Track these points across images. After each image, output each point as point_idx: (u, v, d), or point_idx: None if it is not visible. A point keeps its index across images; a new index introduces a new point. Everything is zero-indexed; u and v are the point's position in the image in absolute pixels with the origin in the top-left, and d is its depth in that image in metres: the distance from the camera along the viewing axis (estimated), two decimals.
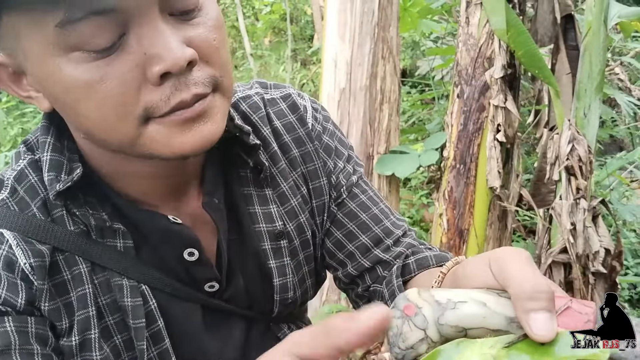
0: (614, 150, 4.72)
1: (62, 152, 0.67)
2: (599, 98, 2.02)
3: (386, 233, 0.85)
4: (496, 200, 2.27)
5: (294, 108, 0.83)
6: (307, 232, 0.83)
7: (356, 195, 0.86)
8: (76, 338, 0.65)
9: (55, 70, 0.56)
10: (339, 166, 0.86)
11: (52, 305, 0.64)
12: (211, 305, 0.75)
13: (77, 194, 0.66)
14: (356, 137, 2.65)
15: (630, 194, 3.92)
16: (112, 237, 0.68)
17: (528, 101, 3.80)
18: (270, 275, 0.79)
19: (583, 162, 1.96)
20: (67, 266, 0.66)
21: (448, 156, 2.36)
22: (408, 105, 4.84)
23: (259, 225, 0.78)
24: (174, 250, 0.71)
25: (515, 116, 2.20)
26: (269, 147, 0.79)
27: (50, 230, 0.64)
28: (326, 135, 0.85)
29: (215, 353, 0.76)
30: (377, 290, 0.84)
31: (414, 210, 3.84)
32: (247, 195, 0.78)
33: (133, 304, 0.68)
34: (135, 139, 0.59)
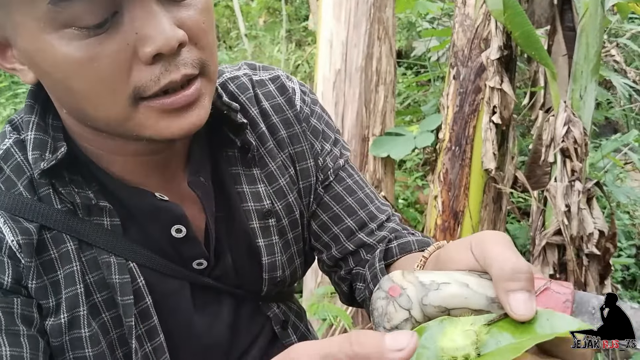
0: (609, 133, 4.72)
1: (46, 131, 0.67)
2: (595, 80, 2.02)
3: (370, 217, 0.86)
4: (491, 182, 2.27)
5: (282, 90, 0.84)
6: (296, 212, 0.83)
7: (342, 179, 0.87)
8: (65, 316, 0.65)
9: (46, 46, 0.56)
10: (326, 149, 0.86)
11: (39, 284, 0.64)
12: (199, 282, 0.76)
13: (62, 173, 0.66)
14: (351, 118, 2.64)
15: (625, 176, 3.94)
16: (98, 215, 0.68)
17: (524, 83, 3.79)
18: (258, 254, 0.80)
19: (578, 144, 1.96)
20: (55, 244, 0.66)
21: (443, 138, 2.36)
22: (403, 86, 4.82)
23: (247, 204, 0.78)
24: (162, 228, 0.72)
25: (511, 98, 2.19)
26: (257, 128, 0.80)
27: (37, 209, 0.65)
28: (314, 118, 0.85)
29: (204, 331, 0.77)
30: (360, 273, 0.85)
31: (408, 192, 3.84)
32: (235, 174, 0.78)
33: (121, 281, 0.68)
34: (124, 120, 0.60)
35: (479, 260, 0.50)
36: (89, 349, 0.66)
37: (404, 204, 3.64)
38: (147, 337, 0.70)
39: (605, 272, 2.00)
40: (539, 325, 0.44)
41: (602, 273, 2.00)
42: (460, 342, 0.42)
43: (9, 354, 0.59)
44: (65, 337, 0.65)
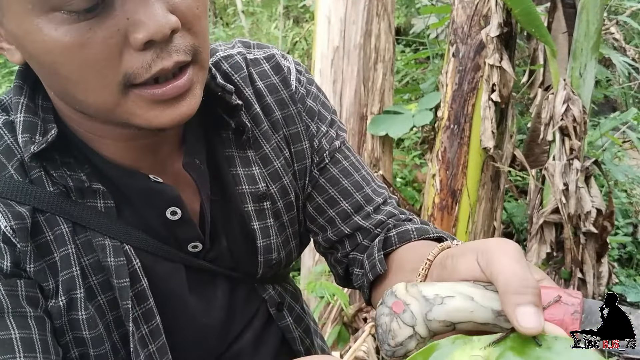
0: (608, 111, 4.71)
1: (35, 112, 0.66)
2: (595, 57, 2.00)
3: (367, 200, 0.85)
4: (489, 161, 2.27)
5: (277, 69, 0.82)
6: (291, 194, 0.82)
7: (338, 161, 0.85)
8: (62, 298, 0.64)
9: (34, 29, 0.54)
10: (322, 130, 0.85)
11: (38, 267, 0.63)
12: (194, 265, 0.75)
13: (53, 155, 0.65)
14: (350, 96, 2.62)
15: (623, 154, 3.94)
16: (92, 198, 0.67)
17: (523, 61, 3.77)
18: (253, 236, 0.79)
19: (577, 122, 1.95)
20: (49, 226, 0.65)
21: (442, 116, 2.35)
22: (402, 64, 4.79)
23: (242, 187, 0.78)
24: (156, 210, 0.71)
25: (511, 76, 2.18)
26: (251, 108, 0.78)
27: (29, 191, 0.63)
28: (309, 98, 0.84)
29: (199, 313, 0.77)
30: (357, 258, 0.84)
31: (406, 171, 3.84)
32: (230, 156, 0.77)
33: (117, 264, 0.67)
34: (114, 106, 0.59)
35: (485, 272, 0.49)
36: (87, 332, 0.66)
37: (401, 183, 3.65)
38: (143, 319, 0.70)
39: (602, 251, 2.01)
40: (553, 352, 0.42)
41: (599, 251, 2.01)
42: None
43: (18, 337, 0.59)
44: (64, 319, 0.65)
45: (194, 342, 0.77)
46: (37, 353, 0.60)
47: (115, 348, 0.69)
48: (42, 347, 0.61)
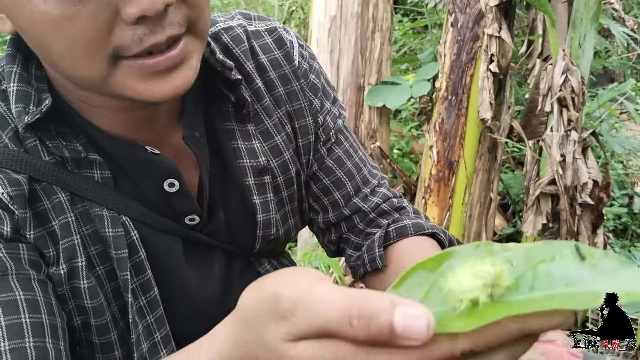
0: (605, 82, 4.69)
1: (29, 82, 0.64)
2: (594, 28, 1.98)
3: (364, 182, 0.87)
4: (487, 132, 2.26)
5: (280, 43, 0.81)
6: (291, 170, 0.82)
7: (341, 142, 0.86)
8: (64, 266, 0.64)
9: (23, 1, 0.53)
10: (326, 107, 0.84)
11: (37, 234, 0.63)
12: (192, 238, 0.75)
13: (48, 125, 0.64)
14: (347, 67, 2.60)
15: (620, 125, 3.93)
16: (88, 168, 0.66)
17: (522, 31, 3.73)
18: (254, 211, 0.79)
19: (576, 93, 1.94)
20: (46, 195, 0.64)
21: (440, 87, 2.33)
22: (400, 34, 4.74)
23: (243, 161, 0.77)
24: (154, 181, 0.70)
25: (510, 46, 2.16)
26: (253, 83, 0.77)
27: (24, 160, 0.62)
28: (312, 74, 0.83)
29: (197, 286, 0.77)
30: (350, 240, 0.87)
31: (403, 143, 3.83)
32: (230, 130, 0.76)
33: (115, 235, 0.67)
34: (104, 79, 0.58)
35: None
36: (88, 301, 0.66)
37: (398, 154, 3.64)
38: (141, 290, 0.70)
39: (598, 222, 2.02)
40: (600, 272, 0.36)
41: (595, 222, 2.02)
42: (468, 284, 0.36)
43: (23, 298, 0.59)
44: (66, 287, 0.65)
45: (191, 314, 0.78)
46: (42, 314, 0.59)
47: (115, 319, 0.69)
48: (47, 309, 0.60)
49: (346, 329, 0.35)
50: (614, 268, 0.36)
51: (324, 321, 0.36)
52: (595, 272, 0.36)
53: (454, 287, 0.37)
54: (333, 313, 0.35)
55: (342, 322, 0.35)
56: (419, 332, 0.34)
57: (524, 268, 0.38)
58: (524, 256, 0.38)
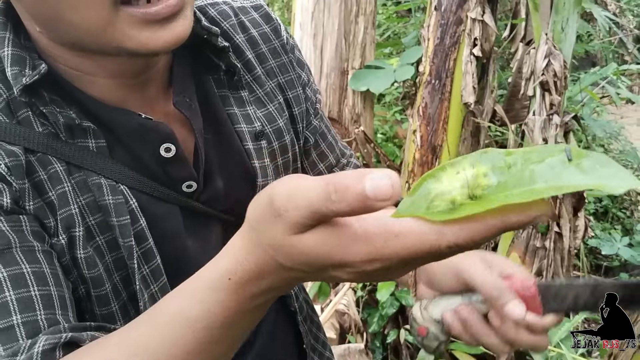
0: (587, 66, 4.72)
1: (22, 47, 0.64)
2: (577, 11, 1.99)
3: (342, 153, 0.94)
4: (470, 116, 2.27)
5: (267, 18, 0.83)
6: (286, 138, 0.83)
7: (322, 118, 0.91)
8: (63, 236, 0.63)
9: None
10: (312, 81, 0.88)
11: (37, 204, 0.62)
12: (189, 206, 0.75)
13: (41, 93, 0.63)
14: (331, 51, 2.59)
15: (601, 109, 3.97)
16: (82, 137, 0.66)
17: (504, 14, 3.73)
18: (254, 175, 0.79)
19: (558, 77, 1.95)
20: (42, 166, 0.63)
21: (423, 71, 2.33)
22: (383, 18, 4.72)
23: (240, 125, 0.78)
24: (149, 147, 0.70)
25: (493, 30, 2.16)
26: (243, 55, 0.79)
27: (17, 132, 0.62)
28: (297, 51, 0.87)
29: (197, 254, 0.76)
30: None
31: (387, 127, 3.83)
32: (223, 96, 0.77)
33: (115, 202, 0.66)
34: (105, 26, 0.58)
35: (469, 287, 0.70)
36: (86, 271, 0.65)
37: (382, 139, 3.64)
38: (144, 259, 0.69)
39: (579, 205, 2.05)
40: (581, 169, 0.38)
41: (576, 205, 2.04)
42: (447, 185, 0.40)
43: (30, 271, 0.58)
44: (68, 257, 0.64)
45: None
46: (50, 286, 0.59)
47: (117, 290, 0.68)
48: (54, 281, 0.60)
49: (328, 205, 0.40)
50: (594, 166, 0.38)
51: (309, 204, 0.41)
52: (577, 169, 0.38)
53: (437, 190, 0.41)
54: (314, 194, 0.40)
55: (323, 199, 0.40)
56: (385, 190, 0.39)
57: (519, 168, 0.40)
58: (522, 158, 0.41)
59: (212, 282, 0.50)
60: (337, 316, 2.25)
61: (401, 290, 2.28)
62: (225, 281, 0.49)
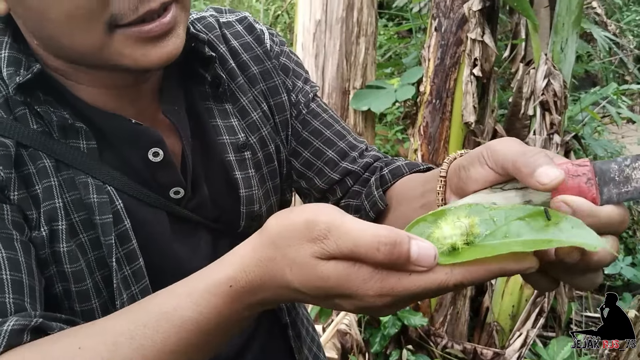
0: (588, 86, 4.75)
1: (19, 51, 0.66)
2: (576, 32, 2.01)
3: (350, 147, 0.88)
4: (471, 136, 2.28)
5: (250, 29, 0.85)
6: (271, 146, 0.84)
7: (318, 114, 0.88)
8: (45, 228, 0.65)
9: None
10: (298, 86, 0.88)
11: (21, 195, 0.64)
12: (176, 213, 0.75)
13: (37, 93, 0.66)
14: (332, 71, 2.61)
15: (602, 129, 3.98)
16: (75, 138, 0.68)
17: (505, 35, 3.76)
18: (236, 186, 0.80)
19: (558, 97, 1.96)
20: (32, 160, 0.65)
21: (424, 91, 2.34)
22: (385, 38, 4.76)
23: (222, 137, 0.79)
24: (139, 151, 0.71)
25: (492, 50, 2.18)
26: (226, 64, 0.81)
27: (12, 127, 0.64)
28: (283, 57, 0.87)
29: (184, 259, 0.77)
30: (350, 205, 0.87)
31: (389, 146, 3.85)
32: (209, 109, 0.79)
33: (99, 201, 0.68)
34: (101, 47, 0.60)
35: (498, 170, 0.53)
36: (68, 265, 0.66)
37: None
38: (126, 260, 0.70)
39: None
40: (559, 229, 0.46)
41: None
42: (448, 232, 0.46)
43: (5, 256, 0.59)
44: (47, 250, 0.65)
45: None
46: (22, 274, 0.60)
47: (97, 288, 0.69)
48: (27, 270, 0.61)
49: (373, 253, 0.44)
50: (570, 227, 0.45)
51: (354, 245, 0.44)
52: (555, 228, 0.46)
53: (439, 235, 0.47)
54: (363, 239, 0.44)
55: (370, 246, 0.44)
56: (428, 260, 0.44)
57: (502, 222, 0.48)
58: (504, 214, 0.48)
59: (212, 286, 0.51)
60: (338, 336, 2.24)
61: (403, 310, 2.27)
62: (225, 288, 0.50)
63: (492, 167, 0.54)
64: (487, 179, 0.54)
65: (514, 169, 0.50)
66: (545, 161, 0.49)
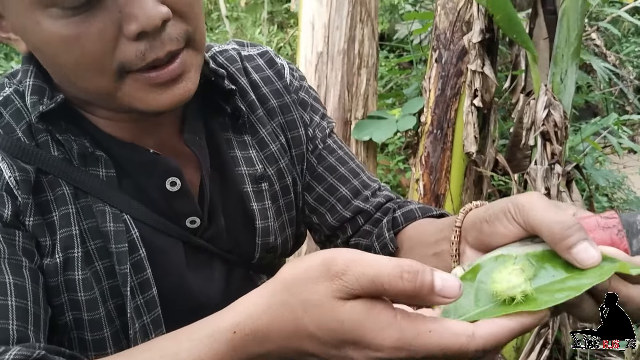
0: (589, 116, 4.77)
1: (44, 80, 0.68)
2: (575, 63, 2.02)
3: (364, 185, 0.89)
4: (472, 166, 2.28)
5: (271, 63, 0.87)
6: (287, 178, 0.85)
7: (333, 150, 0.89)
8: (59, 256, 0.65)
9: (34, 23, 0.57)
10: (315, 120, 0.89)
11: (36, 221, 0.64)
12: (192, 242, 0.76)
13: (59, 121, 0.67)
14: (334, 102, 2.63)
15: (604, 159, 3.99)
16: (94, 166, 0.69)
17: (505, 66, 3.80)
18: (252, 217, 0.80)
19: (558, 127, 1.97)
20: (51, 187, 0.66)
21: (425, 121, 2.36)
22: (386, 70, 4.81)
23: (240, 168, 0.80)
24: (156, 181, 0.72)
25: (493, 81, 2.20)
26: (247, 96, 0.82)
27: (34, 153, 0.65)
28: (302, 92, 0.88)
29: (197, 290, 0.77)
30: (360, 244, 0.87)
31: (390, 176, 3.85)
32: (228, 139, 0.80)
33: (115, 229, 0.68)
34: (112, 92, 0.62)
35: (527, 229, 0.53)
36: (82, 293, 0.66)
37: None
38: (139, 289, 0.70)
39: None
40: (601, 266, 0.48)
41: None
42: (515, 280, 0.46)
43: (12, 282, 0.59)
44: (60, 278, 0.65)
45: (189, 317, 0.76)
46: (28, 301, 0.60)
47: (110, 317, 0.69)
48: (33, 298, 0.61)
49: (396, 281, 0.42)
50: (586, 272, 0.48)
51: (376, 275, 0.43)
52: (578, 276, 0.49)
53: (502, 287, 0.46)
54: (385, 269, 0.43)
55: (394, 275, 0.43)
56: (453, 290, 0.43)
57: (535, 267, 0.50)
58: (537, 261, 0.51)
59: (215, 331, 0.50)
60: None
61: None
62: (228, 334, 0.49)
63: (520, 225, 0.54)
64: (515, 234, 0.55)
65: (550, 239, 0.51)
66: (581, 236, 0.49)
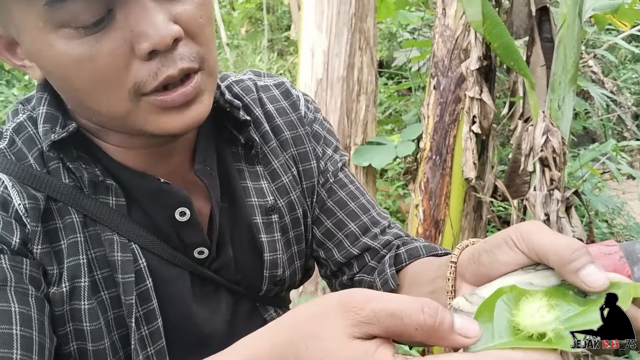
0: (587, 142, 4.79)
1: (57, 108, 0.68)
2: (573, 90, 2.04)
3: (373, 222, 0.87)
4: (471, 191, 2.29)
5: (286, 94, 0.86)
6: (298, 211, 0.84)
7: (345, 185, 0.88)
8: (66, 285, 0.64)
9: (47, 46, 0.57)
10: (328, 154, 0.88)
11: (44, 249, 0.64)
12: (199, 273, 0.75)
13: (70, 148, 0.67)
14: (333, 128, 2.64)
15: (602, 185, 3.99)
16: (104, 194, 0.69)
17: (503, 93, 3.83)
18: (261, 249, 0.80)
19: (557, 153, 1.98)
20: (60, 215, 0.66)
21: (424, 147, 2.37)
22: (385, 96, 4.85)
23: (251, 199, 0.79)
24: (165, 210, 0.72)
25: (491, 108, 2.21)
26: (261, 127, 0.82)
27: (45, 180, 0.65)
28: (316, 124, 0.88)
29: (202, 321, 0.76)
30: (364, 280, 0.86)
31: (390, 201, 3.86)
32: (239, 170, 0.80)
33: (123, 259, 0.68)
34: (127, 114, 0.62)
35: (531, 256, 0.52)
36: (87, 323, 0.65)
37: None
38: (144, 320, 0.69)
39: None
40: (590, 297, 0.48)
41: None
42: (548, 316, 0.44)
43: (17, 311, 0.59)
44: (66, 307, 0.65)
45: (194, 348, 0.76)
46: (33, 330, 0.59)
47: (114, 347, 0.68)
48: (38, 327, 0.60)
49: (417, 314, 0.41)
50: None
51: (397, 308, 0.42)
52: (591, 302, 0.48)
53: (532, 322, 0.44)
54: (406, 303, 0.42)
55: (415, 308, 0.41)
56: (473, 331, 0.43)
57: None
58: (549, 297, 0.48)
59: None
60: None
61: None
62: None
63: (523, 251, 0.53)
64: (518, 262, 0.53)
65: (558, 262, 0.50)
66: (589, 259, 0.49)
